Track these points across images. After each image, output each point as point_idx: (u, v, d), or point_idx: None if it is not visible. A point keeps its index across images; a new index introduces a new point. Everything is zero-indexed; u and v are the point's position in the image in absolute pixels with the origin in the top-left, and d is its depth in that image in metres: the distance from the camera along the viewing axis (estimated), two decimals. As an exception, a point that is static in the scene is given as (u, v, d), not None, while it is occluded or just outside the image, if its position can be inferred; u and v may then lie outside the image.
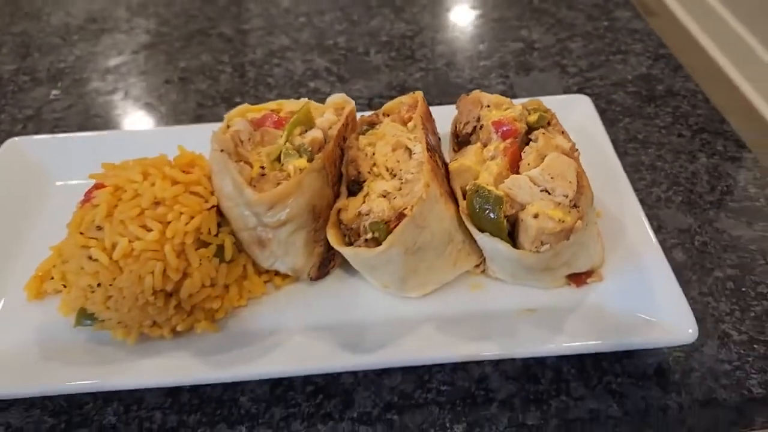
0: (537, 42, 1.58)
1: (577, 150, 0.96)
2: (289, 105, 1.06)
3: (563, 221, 0.87)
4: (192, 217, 0.93)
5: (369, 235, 0.92)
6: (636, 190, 1.09)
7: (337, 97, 1.09)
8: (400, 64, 1.53)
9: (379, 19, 1.70)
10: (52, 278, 1.01)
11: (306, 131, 0.97)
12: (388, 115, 1.08)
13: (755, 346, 0.95)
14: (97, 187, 0.95)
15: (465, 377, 0.93)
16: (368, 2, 1.77)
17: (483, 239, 0.90)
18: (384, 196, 0.93)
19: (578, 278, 0.98)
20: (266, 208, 0.88)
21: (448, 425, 0.88)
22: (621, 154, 1.20)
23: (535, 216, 0.87)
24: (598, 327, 0.92)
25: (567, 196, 0.88)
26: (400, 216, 0.89)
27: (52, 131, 1.39)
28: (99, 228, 0.92)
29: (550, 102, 1.25)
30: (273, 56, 1.58)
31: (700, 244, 1.10)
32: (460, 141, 1.03)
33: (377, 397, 0.92)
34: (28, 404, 0.92)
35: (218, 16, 1.74)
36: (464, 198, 0.95)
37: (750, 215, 1.14)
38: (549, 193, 0.89)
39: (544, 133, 0.96)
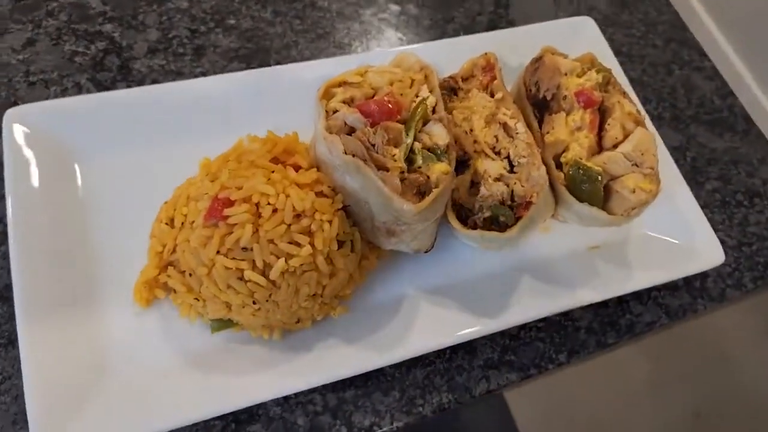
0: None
1: (641, 113, 1.10)
2: (375, 77, 1.04)
3: (651, 191, 1.03)
4: (329, 222, 0.95)
5: (487, 214, 1.02)
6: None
7: (407, 58, 1.09)
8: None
9: None
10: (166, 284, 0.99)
11: (424, 123, 0.99)
12: (465, 79, 1.11)
13: (743, 248, 1.26)
14: (224, 203, 0.91)
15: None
16: None
17: (582, 208, 1.04)
18: (499, 179, 1.02)
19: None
20: (416, 214, 0.93)
21: (554, 356, 1.10)
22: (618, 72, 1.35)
23: (633, 191, 1.02)
24: (653, 258, 1.15)
25: (653, 169, 1.04)
26: (527, 205, 0.99)
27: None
28: (245, 249, 0.91)
29: (554, 27, 1.34)
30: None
31: (690, 160, 1.34)
32: (537, 104, 1.11)
33: (494, 343, 1.09)
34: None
35: None
36: (557, 168, 1.06)
37: (719, 126, 1.39)
38: (638, 166, 1.04)
39: (618, 102, 1.08)
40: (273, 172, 0.96)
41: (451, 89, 1.11)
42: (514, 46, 1.28)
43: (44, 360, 0.92)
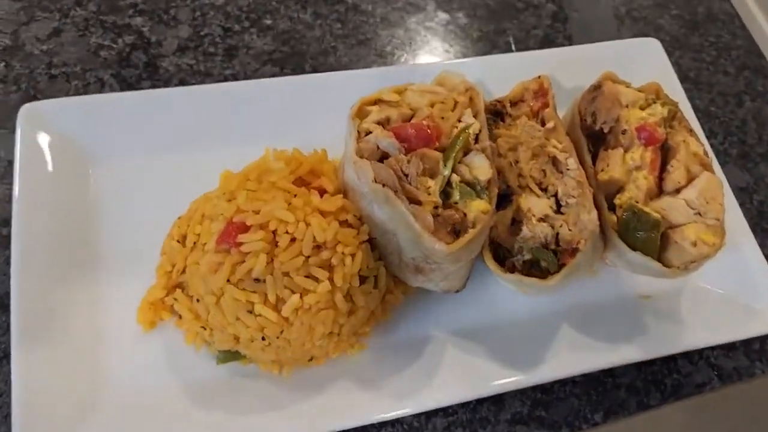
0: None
1: (708, 155, 0.98)
2: (414, 96, 0.94)
3: (715, 244, 0.92)
4: (352, 256, 0.86)
5: (528, 257, 0.92)
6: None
7: (451, 77, 0.99)
8: None
9: None
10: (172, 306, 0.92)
11: (465, 153, 0.89)
12: (514, 104, 1.01)
13: (811, 308, 1.13)
14: (239, 227, 0.83)
15: (593, 366, 1.03)
16: None
17: (635, 257, 0.93)
18: (543, 219, 0.92)
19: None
20: (448, 255, 0.84)
21: (589, 415, 1.00)
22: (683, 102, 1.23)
23: (694, 243, 0.91)
24: (709, 314, 1.03)
25: (718, 220, 0.93)
26: (573, 252, 0.89)
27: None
28: (258, 280, 0.83)
29: (616, 48, 1.23)
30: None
31: (758, 204, 1.21)
32: (591, 135, 1.00)
33: (524, 396, 1.00)
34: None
35: None
36: (610, 209, 0.95)
37: (792, 167, 1.26)
38: (701, 215, 0.93)
39: (684, 141, 0.96)
40: (295, 196, 0.88)
41: (497, 114, 1.01)
42: (570, 66, 1.18)
43: (36, 382, 0.86)
